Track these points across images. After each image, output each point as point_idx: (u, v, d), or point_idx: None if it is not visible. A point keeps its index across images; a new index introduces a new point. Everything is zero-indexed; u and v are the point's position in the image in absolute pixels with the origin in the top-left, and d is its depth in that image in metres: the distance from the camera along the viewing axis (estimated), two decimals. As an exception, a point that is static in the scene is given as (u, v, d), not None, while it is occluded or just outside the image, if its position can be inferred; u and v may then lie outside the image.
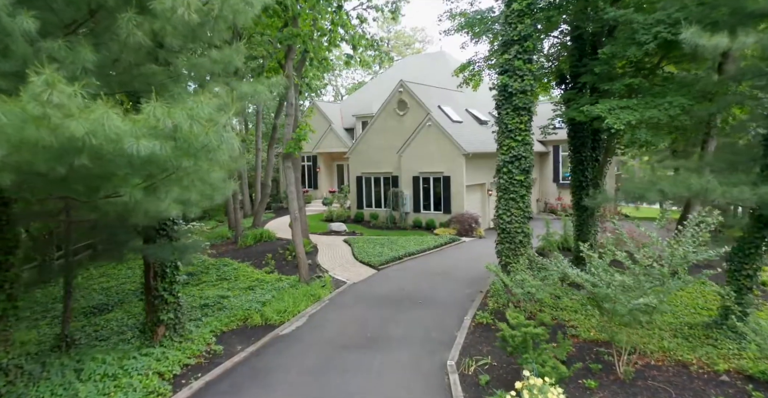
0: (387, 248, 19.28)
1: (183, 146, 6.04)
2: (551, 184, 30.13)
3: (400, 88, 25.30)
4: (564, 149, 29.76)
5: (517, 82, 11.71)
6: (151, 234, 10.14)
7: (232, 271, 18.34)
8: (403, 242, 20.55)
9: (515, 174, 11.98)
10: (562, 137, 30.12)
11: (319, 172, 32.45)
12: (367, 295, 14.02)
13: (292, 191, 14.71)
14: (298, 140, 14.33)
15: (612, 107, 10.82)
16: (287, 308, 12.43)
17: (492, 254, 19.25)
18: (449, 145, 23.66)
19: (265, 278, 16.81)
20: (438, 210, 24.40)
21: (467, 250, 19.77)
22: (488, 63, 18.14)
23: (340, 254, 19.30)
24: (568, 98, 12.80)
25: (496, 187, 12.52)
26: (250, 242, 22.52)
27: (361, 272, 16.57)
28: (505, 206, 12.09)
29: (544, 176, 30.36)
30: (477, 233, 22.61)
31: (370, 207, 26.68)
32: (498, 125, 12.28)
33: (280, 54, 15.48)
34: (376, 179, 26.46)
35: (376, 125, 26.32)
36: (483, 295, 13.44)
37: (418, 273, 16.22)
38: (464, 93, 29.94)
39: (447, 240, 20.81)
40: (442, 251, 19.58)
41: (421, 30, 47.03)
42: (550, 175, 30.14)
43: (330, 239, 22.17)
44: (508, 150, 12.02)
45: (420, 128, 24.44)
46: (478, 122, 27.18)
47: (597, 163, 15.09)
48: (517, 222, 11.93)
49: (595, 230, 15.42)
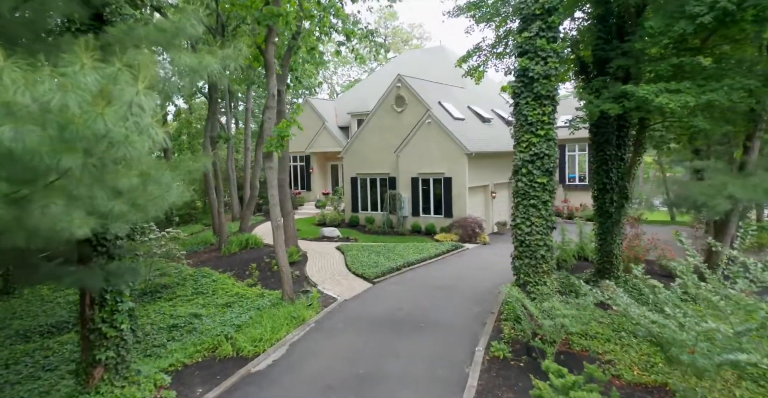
0: (383, 257, 17.08)
1: (65, 136, 3.85)
2: (557, 185, 27.95)
3: (398, 83, 23.11)
4: (570, 149, 27.64)
5: (539, 65, 9.53)
6: (86, 252, 7.91)
7: (210, 284, 16.12)
8: (401, 249, 18.35)
9: (536, 176, 9.80)
10: (568, 136, 27.97)
11: (313, 173, 30.25)
12: (360, 316, 11.82)
13: (273, 195, 12.51)
14: (281, 137, 12.12)
15: (659, 90, 8.67)
16: (264, 335, 10.21)
17: (499, 263, 17.25)
18: (450, 144, 21.48)
19: (245, 292, 14.62)
20: (438, 214, 22.22)
21: (471, 259, 17.58)
22: (495, 51, 15.96)
23: (332, 263, 17.09)
24: (597, 87, 10.61)
25: (513, 191, 10.34)
26: (234, 249, 20.30)
27: (354, 286, 14.37)
28: (523, 214, 9.91)
29: (550, 177, 28.19)
30: (481, 239, 20.44)
31: (366, 210, 24.47)
32: (515, 117, 10.09)
33: (259, 37, 13.26)
34: (372, 180, 24.26)
35: (372, 122, 24.12)
36: (495, 316, 11.26)
37: (418, 287, 14.03)
38: (466, 89, 27.77)
39: (449, 248, 18.62)
40: (444, 260, 17.39)
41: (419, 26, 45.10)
42: (555, 176, 27.94)
43: (321, 246, 19.96)
44: (528, 147, 9.84)
45: (419, 126, 22.25)
46: (481, 119, 25.01)
47: (622, 162, 12.96)
48: (539, 233, 9.75)
49: (620, 240, 13.28)
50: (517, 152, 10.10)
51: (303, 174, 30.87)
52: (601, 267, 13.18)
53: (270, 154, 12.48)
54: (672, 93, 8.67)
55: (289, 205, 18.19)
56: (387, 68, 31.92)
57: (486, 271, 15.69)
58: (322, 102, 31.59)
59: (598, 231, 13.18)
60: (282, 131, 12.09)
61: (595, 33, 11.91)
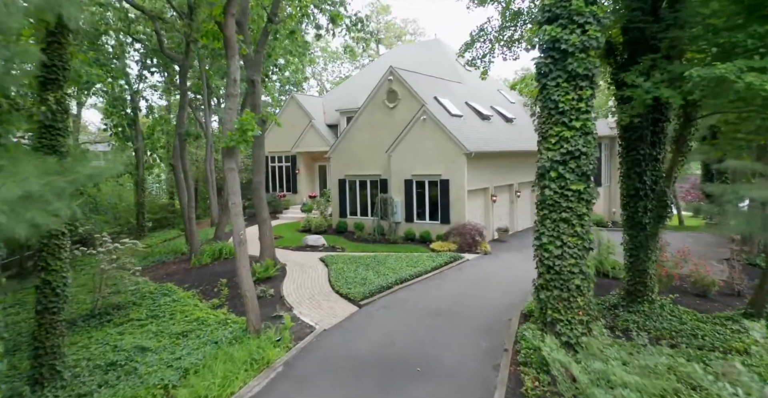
0: (372, 272, 14.52)
1: None
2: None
3: (390, 77, 20.56)
4: (574, 149, 25.19)
5: (574, 34, 7.02)
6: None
7: (169, 304, 13.52)
8: (393, 261, 15.80)
9: (570, 181, 7.29)
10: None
11: (299, 174, 27.63)
12: (341, 354, 9.26)
13: (235, 203, 9.92)
14: (244, 131, 9.53)
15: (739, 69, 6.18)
16: (211, 391, 7.61)
17: (505, 278, 14.32)
18: (448, 142, 18.97)
19: (207, 318, 12.04)
20: (434, 220, 19.70)
21: (473, 273, 15.07)
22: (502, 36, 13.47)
23: (313, 279, 14.50)
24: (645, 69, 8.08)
25: (538, 200, 7.82)
26: (206, 261, 17.68)
27: (336, 310, 11.81)
28: (552, 232, 7.39)
29: (552, 179, 25.77)
30: (482, 248, 17.94)
31: (355, 215, 21.90)
32: (541, 105, 7.56)
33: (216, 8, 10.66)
34: (362, 182, 21.70)
35: (362, 119, 21.56)
36: (510, 356, 8.75)
37: (413, 312, 11.49)
38: (463, 84, 25.28)
39: (447, 259, 16.09)
40: (442, 274, 14.86)
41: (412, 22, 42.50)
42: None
43: (304, 257, 17.36)
44: (559, 143, 7.32)
45: (413, 123, 19.73)
46: (480, 116, 22.52)
47: (656, 163, 10.51)
48: (573, 257, 7.24)
49: (656, 257, 10.81)
50: (542, 150, 7.58)
51: (289, 176, 28.24)
52: (633, 289, 10.72)
53: (231, 152, 9.88)
54: (759, 72, 6.21)
55: (265, 212, 15.60)
56: (379, 63, 29.36)
57: (491, 289, 13.20)
58: (309, 98, 28.96)
59: (629, 246, 10.72)
60: (245, 124, 9.50)
61: (629, 3, 9.42)
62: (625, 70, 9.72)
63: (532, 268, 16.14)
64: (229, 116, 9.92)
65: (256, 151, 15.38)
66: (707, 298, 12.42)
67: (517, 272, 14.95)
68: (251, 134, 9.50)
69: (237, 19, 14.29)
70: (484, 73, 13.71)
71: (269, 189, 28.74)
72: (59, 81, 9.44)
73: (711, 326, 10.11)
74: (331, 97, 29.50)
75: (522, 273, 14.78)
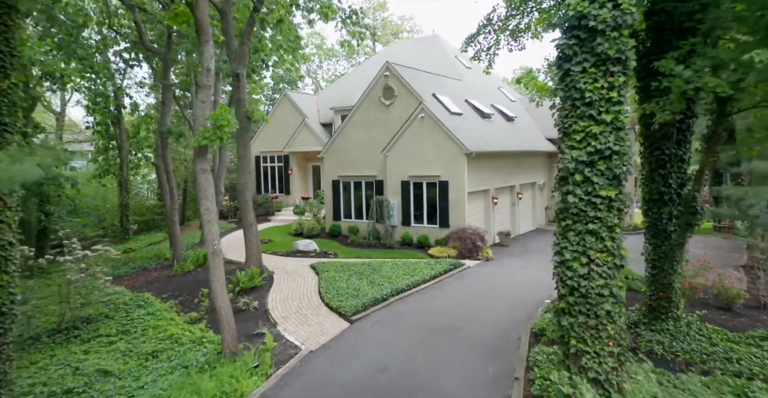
0: (366, 282, 13.25)
1: None
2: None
3: (386, 72, 19.28)
4: (578, 149, 23.94)
5: (605, 8, 5.76)
6: None
7: (143, 318, 12.23)
8: (388, 269, 14.53)
9: (598, 186, 6.01)
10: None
11: (292, 174, 26.30)
12: (328, 383, 7.99)
13: (208, 209, 8.63)
14: (218, 128, 8.24)
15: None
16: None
17: (510, 288, 12.92)
18: (447, 142, 17.71)
19: (182, 335, 10.76)
20: (433, 223, 18.44)
21: (475, 282, 13.81)
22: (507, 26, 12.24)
23: (302, 290, 13.21)
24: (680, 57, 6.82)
25: (558, 208, 6.55)
26: (189, 267, 16.39)
27: (325, 326, 10.53)
28: (577, 246, 6.11)
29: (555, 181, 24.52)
30: (483, 253, 16.69)
31: (349, 218, 20.62)
32: (562, 95, 6.27)
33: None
34: (357, 183, 20.43)
35: (357, 117, 20.27)
36: (522, 386, 7.50)
37: (409, 329, 10.22)
38: (463, 82, 24.02)
39: (446, 267, 14.83)
40: (442, 284, 13.59)
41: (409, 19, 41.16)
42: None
43: (294, 264, 16.07)
44: (585, 141, 6.04)
45: (411, 121, 18.46)
46: (481, 115, 21.26)
47: (683, 164, 9.29)
48: (602, 276, 5.97)
49: (682, 269, 9.58)
50: (565, 149, 6.30)
51: (281, 176, 26.93)
52: (656, 304, 9.49)
53: (202, 151, 8.59)
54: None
55: (250, 215, 14.30)
56: (375, 60, 28.09)
57: (495, 300, 11.94)
58: (302, 96, 27.66)
59: (652, 256, 9.49)
60: (219, 119, 8.20)
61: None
62: (650, 59, 8.50)
63: (537, 276, 15.02)
64: (201, 110, 8.63)
65: (241, 150, 14.08)
66: (732, 312, 11.21)
67: (522, 280, 13.71)
68: (227, 130, 8.21)
69: (220, 7, 13.01)
70: (488, 67, 12.43)
71: (261, 190, 27.44)
72: (5, 69, 8.13)
73: (745, 347, 8.90)
74: (325, 96, 28.20)
75: (527, 282, 13.54)
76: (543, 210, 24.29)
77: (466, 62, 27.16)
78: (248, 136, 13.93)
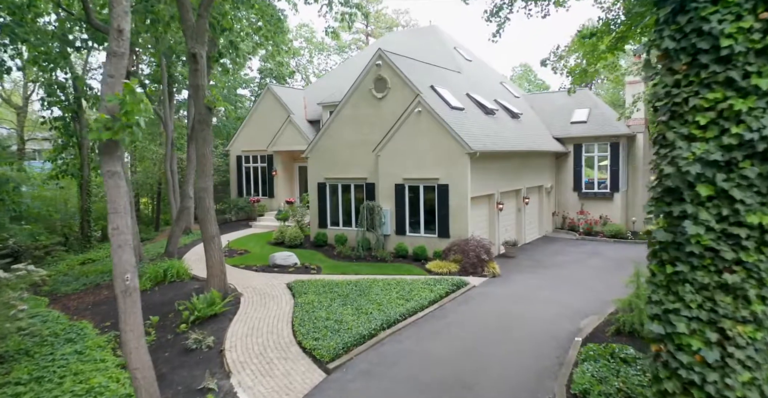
0: (351, 309, 10.52)
1: None
2: (571, 193, 21.71)
3: (378, 61, 16.55)
4: (588, 149, 21.37)
5: None
6: None
7: (68, 358, 9.43)
8: (379, 290, 11.82)
9: (745, 206, 3.30)
10: (584, 133, 21.82)
11: (276, 176, 23.50)
12: None
13: (117, 228, 5.87)
14: (126, 113, 5.47)
15: None
16: None
17: (528, 316, 9.89)
18: (448, 140, 15.03)
19: (106, 388, 7.96)
20: (431, 233, 15.74)
21: (484, 308, 11.11)
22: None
23: (272, 320, 10.46)
24: None
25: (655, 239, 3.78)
26: (146, 285, 13.57)
27: (293, 378, 7.79)
28: (699, 312, 3.38)
29: (563, 183, 21.92)
30: (489, 268, 14.03)
31: (336, 226, 17.88)
32: (672, 46, 3.55)
33: None
34: (345, 187, 17.70)
35: (345, 112, 17.54)
36: None
37: (406, 387, 7.49)
38: (463, 74, 21.32)
39: (448, 287, 12.13)
40: (444, 311, 10.90)
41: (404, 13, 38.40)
42: (569, 182, 21.71)
43: (268, 282, 13.32)
44: (717, 125, 3.32)
45: (406, 116, 15.76)
46: (484, 110, 18.59)
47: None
48: (747, 367, 3.27)
49: None
50: (677, 141, 3.56)
51: (265, 178, 24.12)
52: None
53: (111, 147, 5.82)
54: None
55: (212, 228, 11.55)
56: (367, 53, 25.34)
57: (512, 338, 9.25)
58: (288, 91, 24.87)
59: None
60: (127, 103, 5.43)
61: None
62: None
63: (556, 299, 11.88)
64: (109, 87, 5.84)
65: (200, 148, 11.31)
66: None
67: (540, 306, 11.04)
68: (136, 120, 5.44)
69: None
70: (496, 35, 9.68)
71: (243, 193, 24.62)
72: None
73: None
74: (313, 90, 25.42)
75: (546, 308, 10.86)
76: (550, 216, 21.65)
77: (467, 54, 24.47)
78: (209, 131, 11.17)
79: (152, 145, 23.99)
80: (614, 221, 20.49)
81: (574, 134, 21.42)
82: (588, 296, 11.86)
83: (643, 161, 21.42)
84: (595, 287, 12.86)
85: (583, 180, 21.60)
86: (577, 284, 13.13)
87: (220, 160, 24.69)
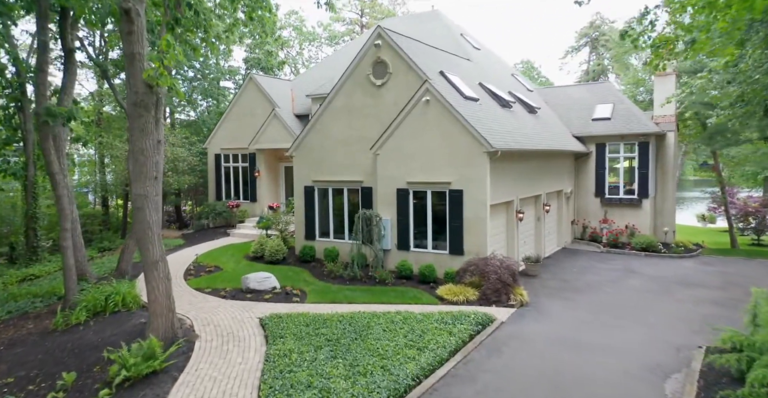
0: (344, 367, 7.31)
1: None
2: (592, 199, 18.68)
3: (378, 41, 13.36)
4: (612, 149, 18.35)
5: None
6: None
7: None
8: (380, 333, 8.64)
9: None
10: (607, 131, 18.58)
11: (259, 177, 20.20)
12: None
13: None
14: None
15: None
16: None
17: (589, 372, 7.10)
18: (463, 136, 11.91)
19: None
20: (440, 249, 12.61)
21: (523, 359, 7.99)
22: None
23: (231, 382, 7.20)
24: None
25: None
26: (80, 317, 10.29)
27: None
28: None
29: (583, 188, 18.89)
30: (516, 295, 10.92)
31: (326, 237, 14.66)
32: None
33: None
34: (337, 191, 14.49)
35: (337, 103, 14.33)
36: None
37: None
38: (473, 61, 18.21)
39: (471, 329, 8.96)
40: (470, 367, 7.73)
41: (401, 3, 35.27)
42: (590, 186, 18.68)
43: (237, 314, 10.06)
44: None
45: (411, 107, 12.60)
46: (500, 103, 15.47)
47: None
48: None
49: None
50: None
51: (246, 179, 20.82)
52: None
53: None
54: None
55: (154, 250, 8.28)
56: (361, 41, 22.14)
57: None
58: (273, 81, 21.58)
59: None
60: None
61: None
62: None
63: (609, 342, 7.88)
64: None
65: (138, 140, 8.02)
66: None
67: (598, 358, 7.91)
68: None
69: None
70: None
71: (222, 196, 21.28)
72: None
73: None
74: (302, 82, 22.14)
75: (605, 359, 7.73)
76: (569, 225, 18.61)
77: (475, 42, 21.34)
78: (149, 118, 7.88)
79: (117, 141, 20.58)
80: (642, 231, 17.49)
81: (596, 133, 18.38)
82: (649, 337, 8.91)
83: (673, 163, 18.47)
84: (649, 320, 9.88)
85: (606, 184, 18.58)
86: (626, 316, 10.13)
87: (196, 159, 21.31)
